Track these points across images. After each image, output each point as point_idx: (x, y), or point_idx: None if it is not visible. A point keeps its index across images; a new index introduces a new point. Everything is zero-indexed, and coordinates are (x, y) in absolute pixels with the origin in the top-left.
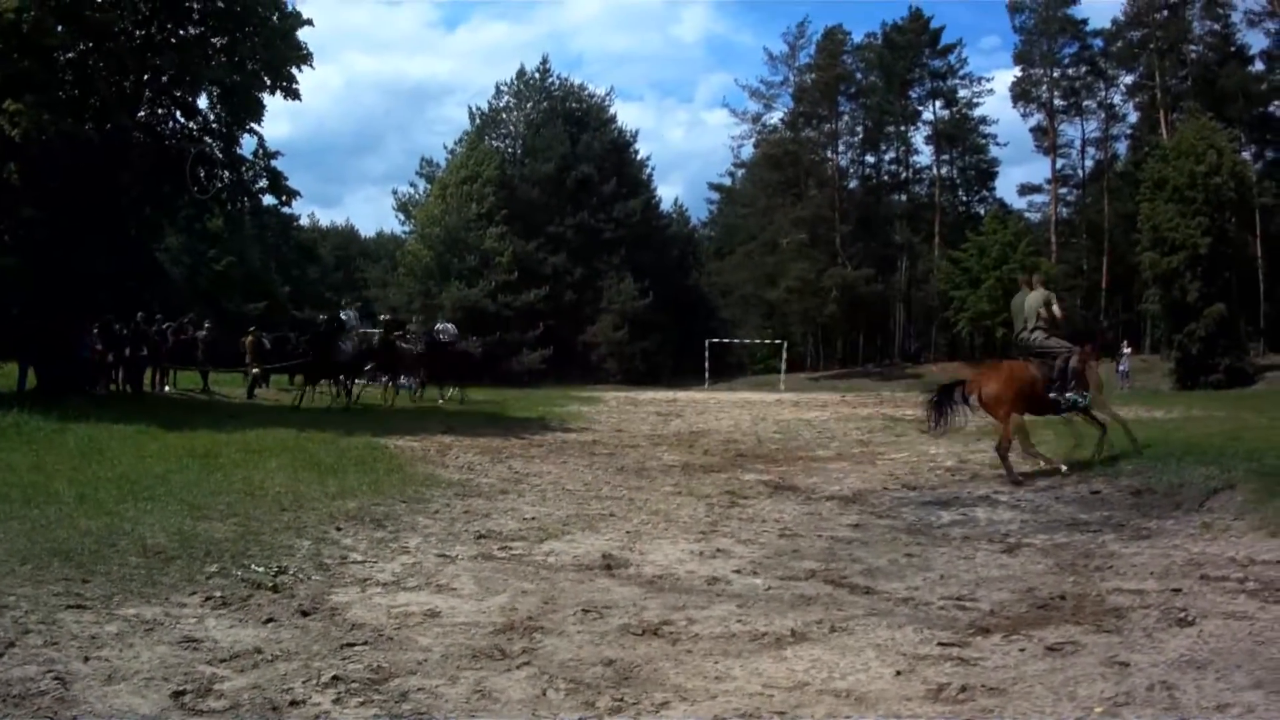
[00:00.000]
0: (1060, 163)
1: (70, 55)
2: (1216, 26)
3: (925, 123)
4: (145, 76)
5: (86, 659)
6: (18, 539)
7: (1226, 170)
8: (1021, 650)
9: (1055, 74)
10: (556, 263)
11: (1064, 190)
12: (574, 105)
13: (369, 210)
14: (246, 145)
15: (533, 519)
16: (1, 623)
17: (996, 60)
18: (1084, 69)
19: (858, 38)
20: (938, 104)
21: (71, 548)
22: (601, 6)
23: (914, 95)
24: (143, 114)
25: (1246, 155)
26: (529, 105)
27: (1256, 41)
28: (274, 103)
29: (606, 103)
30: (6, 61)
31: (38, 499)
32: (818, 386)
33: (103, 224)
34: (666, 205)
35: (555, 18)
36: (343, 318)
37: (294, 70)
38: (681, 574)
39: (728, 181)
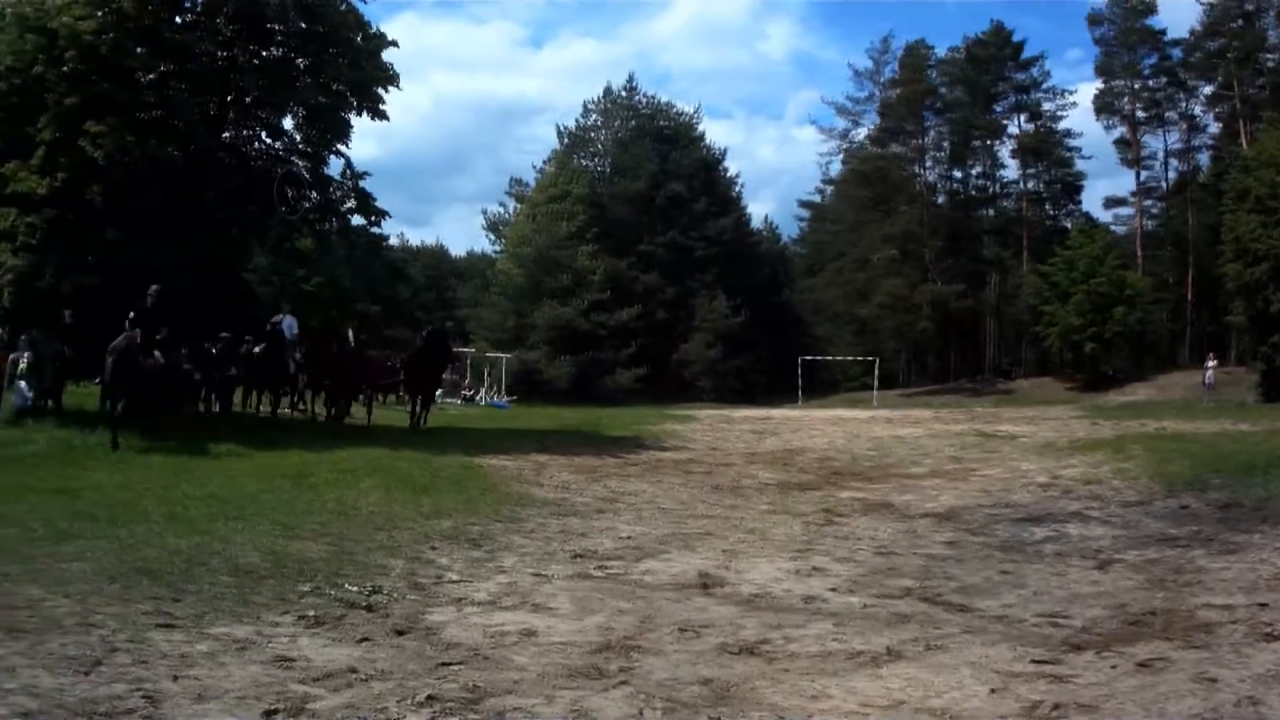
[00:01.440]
0: (1144, 175)
1: (151, 77)
2: None
3: (1010, 136)
4: (229, 98)
5: (176, 678)
6: (105, 558)
7: None
8: (1113, 667)
9: (1136, 85)
10: (648, 281)
11: (1148, 203)
12: (662, 123)
13: (459, 230)
14: (334, 165)
15: (629, 538)
16: (89, 641)
17: (1079, 73)
18: (1164, 80)
19: (941, 52)
20: (1022, 117)
21: (161, 566)
22: (687, 23)
23: (998, 109)
24: (228, 135)
25: None
26: (616, 123)
27: None
28: (361, 123)
29: (695, 120)
30: (86, 83)
31: (125, 518)
32: (910, 403)
33: (188, 245)
34: (757, 222)
35: (641, 35)
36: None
37: (380, 91)
38: (778, 592)
39: (817, 198)
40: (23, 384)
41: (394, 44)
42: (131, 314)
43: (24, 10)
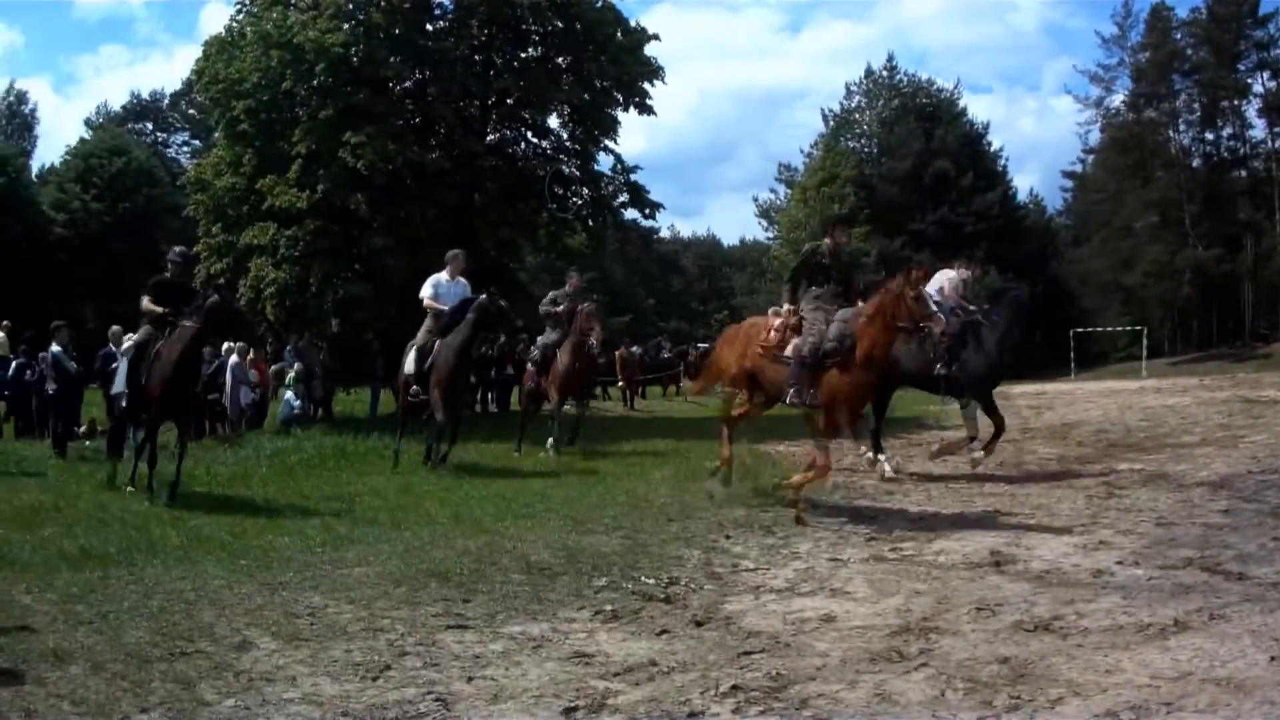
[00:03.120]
0: None
1: (407, 85)
2: None
3: (1256, 95)
4: (490, 100)
5: (470, 679)
6: (390, 561)
7: None
8: None
9: None
10: (921, 259)
11: None
12: (924, 101)
13: (730, 218)
14: (603, 162)
15: (919, 518)
16: (375, 646)
17: None
18: None
19: (1183, 13)
20: (1265, 75)
21: (449, 568)
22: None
23: (1242, 68)
24: (492, 138)
25: None
26: (880, 104)
27: None
28: (627, 117)
29: (955, 96)
30: (340, 94)
31: (408, 522)
32: (1176, 371)
33: (456, 247)
34: (1023, 196)
35: (896, 14)
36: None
37: (645, 85)
38: (1067, 568)
39: (1078, 168)
40: (290, 394)
41: (655, 38)
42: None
43: (266, 28)
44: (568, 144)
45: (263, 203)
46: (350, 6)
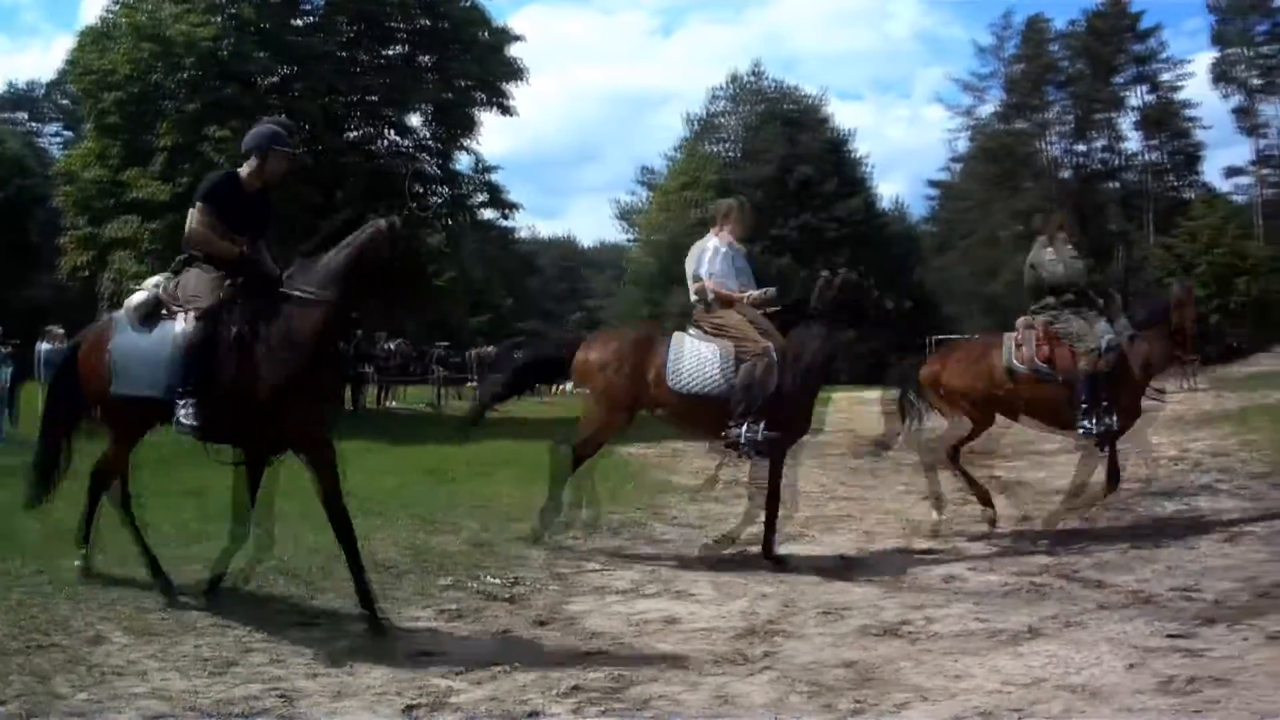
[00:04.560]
0: (1262, 143)
1: (273, 80)
2: None
3: (1131, 108)
4: (355, 98)
5: (314, 676)
6: (239, 557)
7: None
8: (1245, 639)
9: (1250, 53)
10: (781, 264)
11: (1266, 171)
12: (789, 107)
13: (591, 220)
14: (463, 161)
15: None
16: (224, 641)
17: (1198, 42)
18: (1278, 47)
19: (1060, 25)
20: (1142, 89)
21: (298, 565)
22: (813, 6)
23: (1119, 81)
24: (355, 135)
25: None
26: (744, 109)
27: None
28: (491, 117)
29: (821, 102)
30: (206, 89)
31: (259, 517)
32: None
33: (319, 245)
34: (887, 203)
35: (769, 20)
36: None
37: (507, 85)
38: (918, 573)
39: (946, 176)
40: None
41: (518, 38)
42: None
43: (139, 20)
44: (429, 142)
45: (127, 195)
46: (221, 0)
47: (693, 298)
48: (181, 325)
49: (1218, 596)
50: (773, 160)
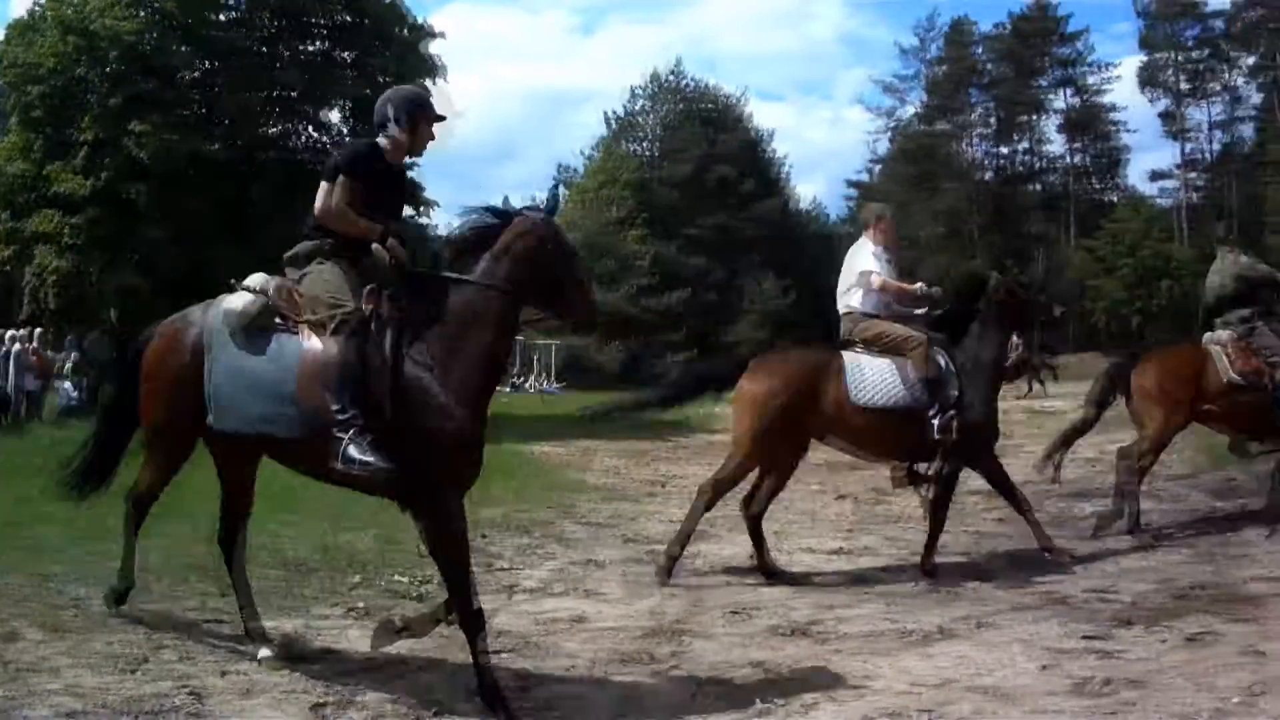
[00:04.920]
0: (1188, 147)
1: (195, 75)
2: None
3: (1055, 111)
4: (275, 93)
5: (223, 674)
6: (151, 555)
7: None
8: (1162, 641)
9: (1179, 58)
10: (697, 264)
11: (1192, 175)
12: (708, 106)
13: None
14: None
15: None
16: (135, 639)
17: (1126, 46)
18: (1206, 52)
19: (986, 28)
20: (1068, 92)
21: (208, 563)
22: (736, 6)
23: (1043, 84)
24: (274, 131)
25: None
26: (664, 108)
27: None
28: None
29: (741, 102)
30: (129, 83)
31: (173, 515)
32: None
33: (235, 242)
34: (806, 203)
35: (692, 20)
36: None
37: (425, 83)
38: (829, 572)
39: (865, 177)
40: (67, 384)
41: (434, 35)
42: None
43: (64, 13)
44: (347, 138)
45: (49, 190)
46: None
47: (842, 309)
48: (315, 341)
49: (1134, 598)
50: (691, 160)
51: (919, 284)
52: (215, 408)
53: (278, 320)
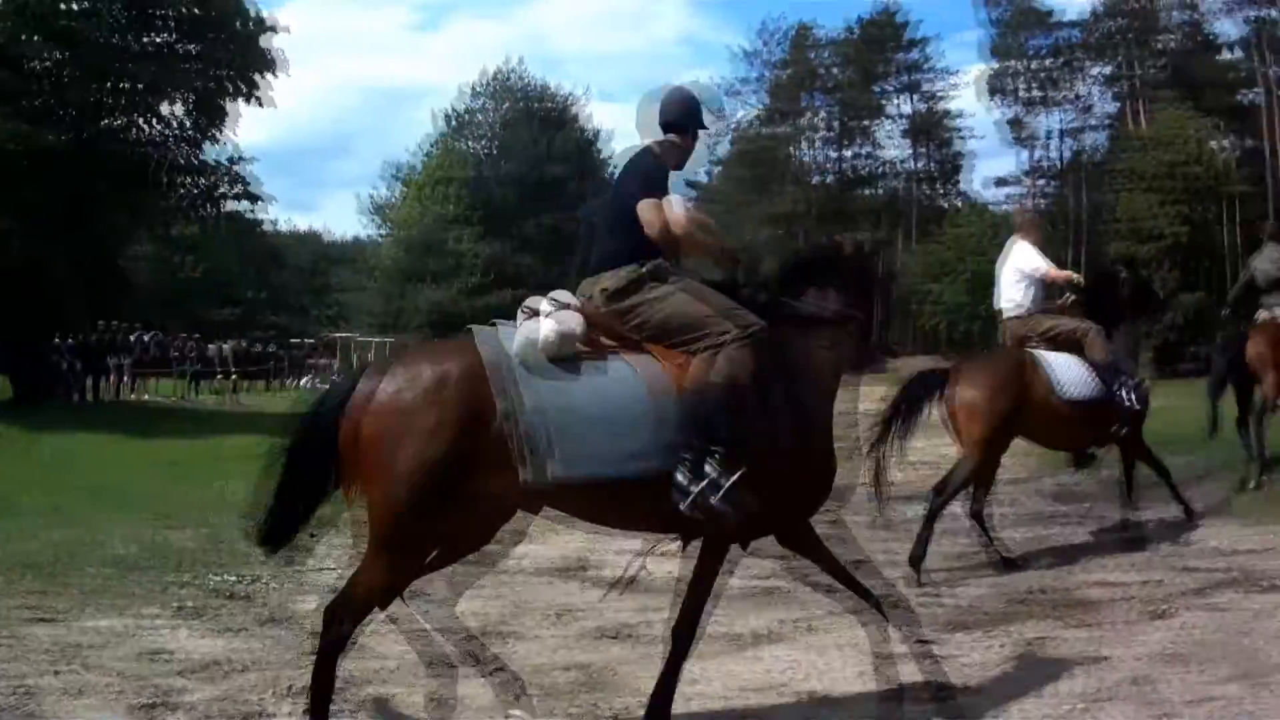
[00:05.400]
0: (1037, 154)
1: (45, 65)
2: (1192, 16)
3: (898, 117)
4: (121, 85)
5: (55, 673)
6: None
7: (1203, 159)
8: (1000, 646)
9: (1029, 66)
10: (529, 263)
11: (1041, 181)
12: (546, 105)
13: (344, 214)
14: (220, 152)
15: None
16: None
17: (975, 54)
18: (1058, 60)
19: (831, 33)
20: (912, 98)
21: (41, 560)
22: (579, 6)
23: (886, 90)
24: (118, 123)
25: (1225, 144)
26: (503, 106)
27: (1232, 30)
28: (252, 108)
29: (577, 101)
30: None
31: (5, 511)
32: None
33: (73, 233)
34: None
35: (535, 19)
36: None
37: (264, 77)
38: (650, 574)
39: (703, 179)
40: None
41: (272, 29)
42: None
43: None
44: (188, 132)
45: None
46: None
47: (1009, 307)
48: (671, 368)
49: (970, 602)
50: (526, 159)
51: (1067, 271)
52: (542, 454)
53: (583, 347)
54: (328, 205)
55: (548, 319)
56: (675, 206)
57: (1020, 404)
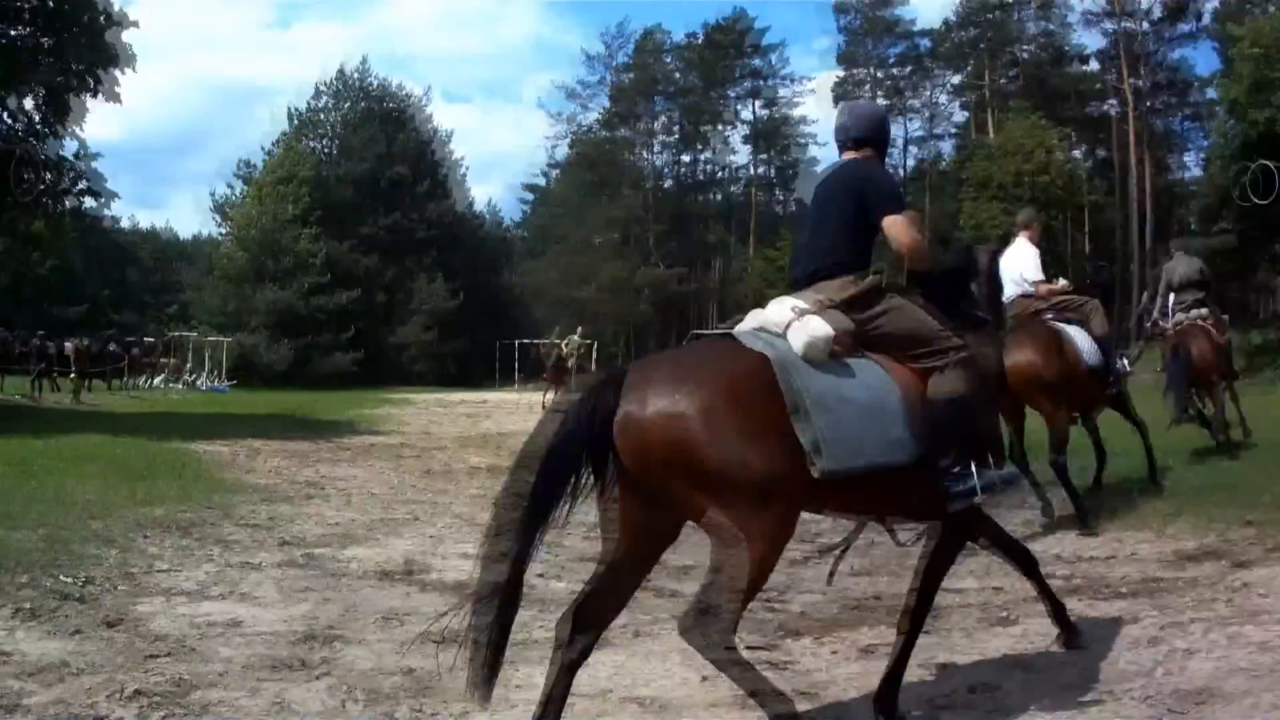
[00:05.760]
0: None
1: None
2: (1050, 26)
3: (743, 122)
4: None
5: None
6: None
7: (1055, 168)
8: (834, 652)
9: (879, 74)
10: (369, 264)
11: None
12: (390, 105)
13: (192, 212)
14: (70, 147)
15: (336, 524)
16: None
17: (826, 62)
18: (909, 69)
19: (680, 38)
20: (757, 104)
21: None
22: (429, 6)
23: (732, 95)
24: None
25: (1077, 154)
26: (347, 105)
27: (1093, 41)
28: (103, 104)
29: (421, 101)
30: None
31: None
32: None
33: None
34: (481, 205)
35: (384, 18)
36: None
37: (114, 72)
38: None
39: (542, 181)
40: None
41: (119, 24)
42: None
43: None
44: (38, 127)
45: None
46: None
47: (1017, 291)
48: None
49: (804, 608)
50: (368, 159)
51: (1061, 281)
52: (825, 448)
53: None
54: (177, 203)
55: (816, 319)
56: (913, 229)
57: (1066, 369)
